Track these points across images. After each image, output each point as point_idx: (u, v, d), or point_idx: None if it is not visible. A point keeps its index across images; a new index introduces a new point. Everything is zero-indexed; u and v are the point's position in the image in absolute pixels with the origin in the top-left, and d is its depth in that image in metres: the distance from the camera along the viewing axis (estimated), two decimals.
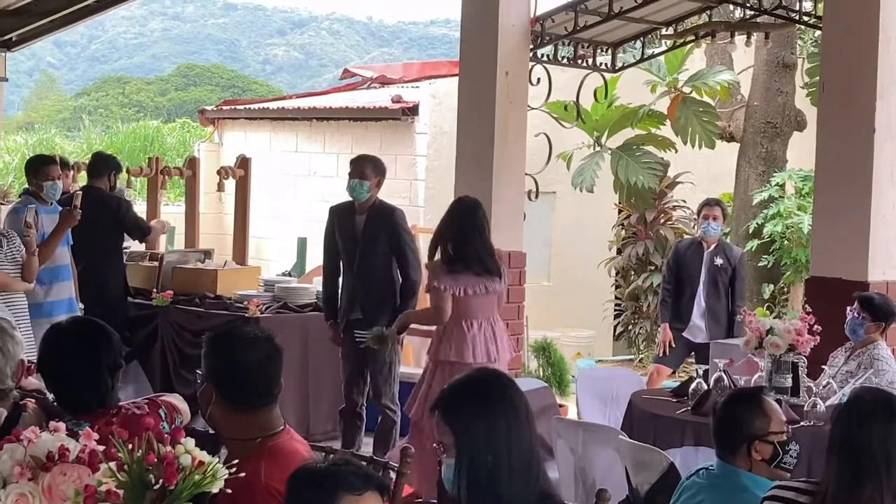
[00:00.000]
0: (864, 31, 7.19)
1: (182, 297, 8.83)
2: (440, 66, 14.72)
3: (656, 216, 12.70)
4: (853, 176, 7.20)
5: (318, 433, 8.32)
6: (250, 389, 3.36)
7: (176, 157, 21.71)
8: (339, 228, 7.58)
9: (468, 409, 3.11)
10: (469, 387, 3.20)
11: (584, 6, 9.14)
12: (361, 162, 7.58)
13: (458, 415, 3.12)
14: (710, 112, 11.98)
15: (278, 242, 14.05)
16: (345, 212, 7.60)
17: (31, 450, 2.66)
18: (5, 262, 7.26)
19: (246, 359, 3.37)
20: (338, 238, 7.58)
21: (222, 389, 3.37)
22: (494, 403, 3.12)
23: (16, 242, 7.35)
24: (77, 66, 66.15)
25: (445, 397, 3.19)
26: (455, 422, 3.11)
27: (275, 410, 3.42)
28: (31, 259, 7.35)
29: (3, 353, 3.82)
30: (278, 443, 3.36)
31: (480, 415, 3.09)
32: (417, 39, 72.09)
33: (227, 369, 3.38)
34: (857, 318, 6.36)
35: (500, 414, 3.10)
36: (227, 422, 3.38)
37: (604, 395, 7.11)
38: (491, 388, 3.18)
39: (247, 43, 71.14)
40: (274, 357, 3.42)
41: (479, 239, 6.76)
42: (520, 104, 8.93)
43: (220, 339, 3.46)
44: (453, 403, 3.16)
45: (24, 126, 34.64)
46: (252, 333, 3.50)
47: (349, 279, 7.55)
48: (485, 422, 3.08)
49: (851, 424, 3.42)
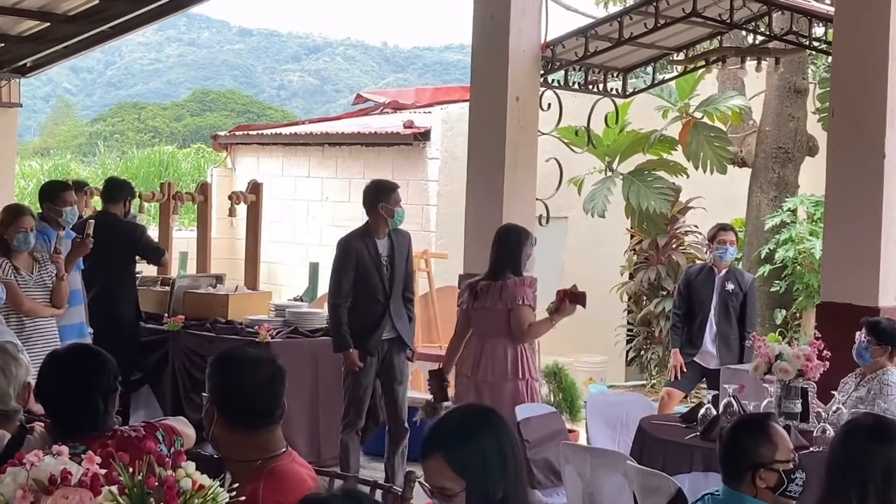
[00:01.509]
0: (873, 57, 7.21)
1: (193, 321, 8.86)
2: (452, 92, 14.77)
3: (668, 241, 12.69)
4: (863, 201, 7.20)
5: (328, 458, 8.31)
6: (251, 410, 3.37)
7: (190, 182, 21.79)
8: (367, 254, 7.63)
9: (475, 445, 2.97)
10: (468, 422, 3.06)
11: (595, 32, 9.16)
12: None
13: (465, 453, 2.96)
14: (722, 137, 11.99)
15: (290, 267, 14.08)
16: (362, 239, 7.66)
17: (34, 473, 2.67)
18: (34, 287, 7.31)
19: (247, 380, 3.38)
20: (365, 264, 7.61)
21: (224, 410, 3.39)
22: (497, 435, 3.02)
23: (48, 267, 7.40)
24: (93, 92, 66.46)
25: (445, 438, 3.02)
26: (463, 461, 2.95)
27: (276, 432, 3.42)
28: (60, 284, 7.41)
29: (4, 375, 3.85)
30: (279, 465, 3.35)
31: (488, 448, 2.97)
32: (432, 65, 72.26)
33: (228, 390, 3.40)
34: (864, 342, 6.35)
35: (505, 444, 3.01)
36: (229, 443, 3.39)
37: (613, 421, 7.09)
38: (492, 420, 3.07)
39: (262, 68, 71.39)
40: (276, 378, 3.43)
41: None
42: (530, 129, 8.95)
43: (223, 359, 3.49)
44: (456, 442, 2.99)
45: (40, 151, 34.84)
46: (254, 355, 3.51)
47: (375, 304, 7.63)
48: (494, 455, 2.97)
49: (836, 446, 3.45)
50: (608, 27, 9.15)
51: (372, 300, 7.63)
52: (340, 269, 7.64)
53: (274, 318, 8.90)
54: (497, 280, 7.17)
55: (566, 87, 9.72)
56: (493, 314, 7.12)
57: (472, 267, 8.73)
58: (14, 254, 7.31)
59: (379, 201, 7.59)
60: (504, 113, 8.74)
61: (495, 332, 7.13)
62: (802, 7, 9.37)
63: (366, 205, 7.70)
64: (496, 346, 7.12)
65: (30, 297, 7.27)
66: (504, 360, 7.08)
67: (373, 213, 7.63)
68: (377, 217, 7.61)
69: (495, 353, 7.10)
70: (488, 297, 7.16)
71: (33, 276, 7.35)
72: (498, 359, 7.09)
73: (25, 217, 7.43)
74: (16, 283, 7.18)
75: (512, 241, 7.30)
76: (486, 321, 7.18)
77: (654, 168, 11.91)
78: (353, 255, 7.60)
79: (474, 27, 8.99)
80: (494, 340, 7.13)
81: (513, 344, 7.10)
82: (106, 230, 8.06)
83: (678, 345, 8.86)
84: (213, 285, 9.45)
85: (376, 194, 7.65)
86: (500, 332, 7.11)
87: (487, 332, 7.17)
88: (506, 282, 7.13)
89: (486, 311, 7.16)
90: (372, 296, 7.63)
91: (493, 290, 7.15)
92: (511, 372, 7.06)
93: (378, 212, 7.59)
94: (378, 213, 7.60)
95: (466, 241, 8.90)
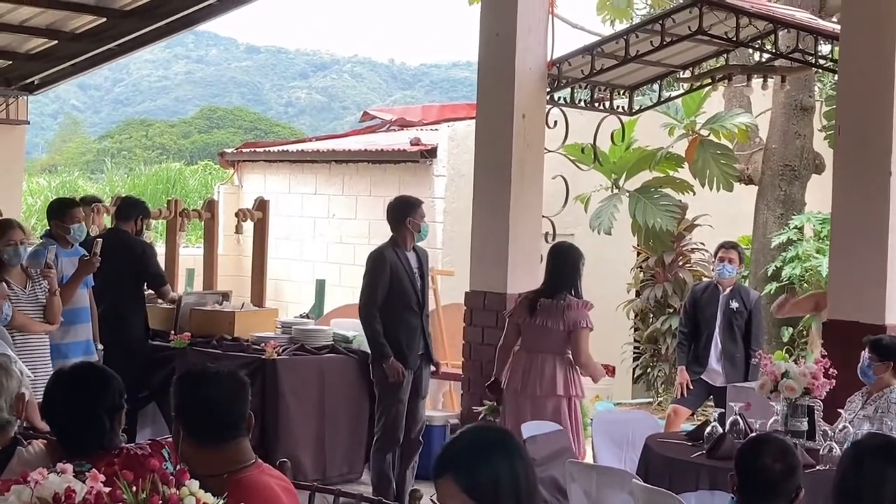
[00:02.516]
0: (879, 74, 7.21)
1: (200, 338, 8.85)
2: (459, 109, 14.80)
3: (674, 259, 12.69)
4: (870, 219, 7.19)
5: (334, 475, 8.31)
6: (213, 424, 3.44)
7: (198, 199, 21.84)
8: (401, 266, 7.76)
9: (487, 468, 2.86)
10: (480, 444, 2.94)
11: (601, 50, 9.17)
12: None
13: (476, 475, 2.87)
14: (728, 155, 11.99)
15: (297, 284, 14.09)
16: (393, 250, 7.79)
17: (38, 491, 2.67)
18: (26, 302, 7.29)
19: (207, 394, 3.47)
20: (399, 275, 7.74)
21: (188, 426, 3.47)
22: (511, 457, 2.90)
23: (42, 284, 7.39)
24: (101, 109, 66.61)
25: (457, 459, 2.90)
26: (474, 483, 2.85)
27: (242, 444, 3.47)
28: (52, 299, 7.39)
29: None
30: (243, 477, 3.39)
31: (501, 471, 2.86)
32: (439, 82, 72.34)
33: (190, 405, 3.49)
34: (866, 360, 6.33)
35: (518, 467, 2.90)
36: (195, 458, 3.42)
37: (619, 439, 7.09)
38: (506, 442, 2.96)
39: (269, 86, 71.54)
40: (236, 392, 3.50)
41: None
42: (537, 147, 8.95)
43: (184, 377, 3.60)
44: (468, 464, 2.88)
45: (48, 168, 34.94)
46: (213, 370, 3.60)
47: (411, 315, 7.76)
48: (507, 478, 2.86)
49: (848, 467, 3.43)
50: (614, 45, 9.16)
51: (409, 311, 7.77)
52: (375, 278, 7.73)
53: (280, 336, 8.90)
54: (556, 299, 7.25)
55: (572, 105, 9.72)
56: (551, 333, 7.21)
57: (478, 284, 8.74)
58: (6, 268, 7.27)
59: (406, 216, 7.79)
60: (510, 130, 8.75)
61: (547, 348, 7.24)
62: (808, 25, 9.37)
63: (392, 220, 7.87)
64: (545, 362, 7.22)
65: (21, 312, 7.22)
66: (553, 376, 7.19)
67: (399, 227, 7.81)
68: (404, 231, 7.80)
69: (545, 369, 7.21)
70: (549, 315, 7.23)
71: (26, 292, 7.31)
72: (547, 374, 7.20)
73: (14, 230, 7.39)
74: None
75: (571, 260, 7.39)
76: (539, 338, 7.26)
77: (661, 185, 11.91)
78: (387, 266, 7.73)
79: (481, 45, 9.01)
80: (544, 356, 7.24)
81: (562, 361, 7.22)
82: (115, 247, 8.07)
83: (684, 362, 8.85)
84: (220, 302, 9.45)
85: (403, 209, 7.84)
86: (551, 349, 7.23)
87: (539, 348, 7.27)
88: (570, 303, 7.23)
89: (543, 329, 7.24)
90: (408, 307, 7.76)
91: (556, 310, 7.22)
92: (561, 388, 7.18)
93: (405, 226, 7.79)
94: (405, 228, 7.79)
95: (472, 259, 8.90)
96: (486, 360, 8.49)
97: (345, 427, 8.55)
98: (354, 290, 13.53)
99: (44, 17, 11.31)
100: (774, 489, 4.00)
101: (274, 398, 8.12)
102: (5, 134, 12.87)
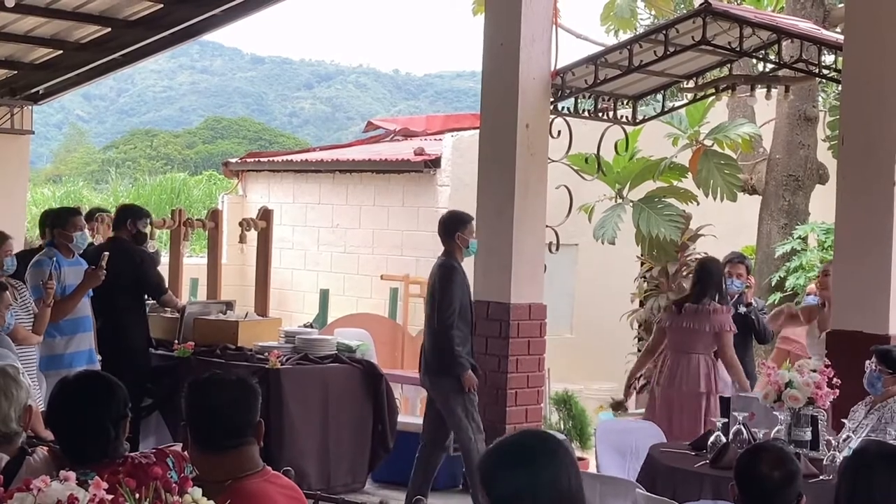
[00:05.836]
0: (883, 85, 7.21)
1: (203, 348, 8.84)
2: (463, 119, 14.81)
3: (678, 269, 12.65)
4: (873, 229, 7.20)
5: (338, 485, 8.31)
6: (218, 431, 3.44)
7: (202, 209, 21.85)
8: (466, 281, 7.95)
9: (525, 477, 2.80)
10: (517, 454, 2.87)
11: (605, 60, 9.18)
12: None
13: (509, 485, 2.82)
14: (732, 165, 11.96)
15: (300, 294, 14.09)
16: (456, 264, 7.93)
17: (41, 498, 2.67)
18: (19, 311, 7.28)
19: (211, 402, 3.47)
20: (467, 286, 7.95)
21: (193, 433, 3.47)
22: (556, 466, 2.84)
23: (25, 294, 7.39)
24: (106, 119, 66.67)
25: (492, 470, 2.87)
26: (510, 494, 2.81)
27: (246, 452, 3.46)
28: (44, 311, 7.38)
29: (5, 397, 3.85)
30: (244, 485, 3.38)
31: (543, 480, 2.81)
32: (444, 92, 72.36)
33: (194, 412, 3.49)
34: (875, 371, 6.31)
35: (561, 474, 2.85)
36: (201, 464, 3.41)
37: (623, 448, 7.08)
38: (548, 448, 2.88)
39: (274, 96, 71.60)
40: (242, 399, 3.49)
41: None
42: (540, 156, 8.96)
43: (193, 383, 3.58)
44: (504, 475, 2.84)
45: (52, 178, 34.95)
46: (220, 377, 3.60)
47: (468, 326, 7.88)
48: (545, 488, 2.81)
49: (854, 475, 3.42)
50: (618, 55, 9.17)
51: (467, 323, 7.87)
52: (453, 288, 7.81)
53: (284, 345, 8.89)
54: (700, 303, 8.08)
55: (576, 115, 9.72)
56: (697, 333, 8.07)
57: (482, 294, 8.73)
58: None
59: (456, 231, 7.94)
60: (514, 140, 8.76)
61: (693, 348, 8.08)
62: (812, 35, 9.38)
63: (442, 234, 8.01)
64: (691, 361, 8.05)
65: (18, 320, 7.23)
66: (697, 374, 8.01)
67: (449, 242, 7.95)
68: (454, 246, 7.94)
69: (690, 367, 8.04)
70: (694, 318, 8.08)
71: (18, 301, 7.31)
72: (692, 372, 8.02)
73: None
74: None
75: (716, 271, 8.30)
76: (685, 338, 8.11)
77: (665, 195, 11.88)
78: (462, 276, 7.89)
79: (484, 55, 9.02)
80: (690, 356, 8.06)
81: (706, 360, 8.05)
82: (114, 255, 8.07)
83: None
84: (224, 311, 9.45)
85: (453, 225, 7.99)
86: (697, 349, 8.07)
87: (685, 348, 8.11)
88: (714, 308, 8.06)
89: (689, 330, 8.08)
90: (466, 319, 7.87)
91: (701, 313, 8.07)
92: (703, 385, 7.98)
93: (455, 241, 7.93)
94: (454, 243, 7.93)
95: (476, 268, 8.89)
96: (489, 369, 8.50)
97: (348, 436, 8.55)
98: (358, 300, 13.55)
99: (49, 27, 11.33)
100: (774, 497, 4.00)
101: (277, 408, 8.11)
102: (10, 144, 12.87)
